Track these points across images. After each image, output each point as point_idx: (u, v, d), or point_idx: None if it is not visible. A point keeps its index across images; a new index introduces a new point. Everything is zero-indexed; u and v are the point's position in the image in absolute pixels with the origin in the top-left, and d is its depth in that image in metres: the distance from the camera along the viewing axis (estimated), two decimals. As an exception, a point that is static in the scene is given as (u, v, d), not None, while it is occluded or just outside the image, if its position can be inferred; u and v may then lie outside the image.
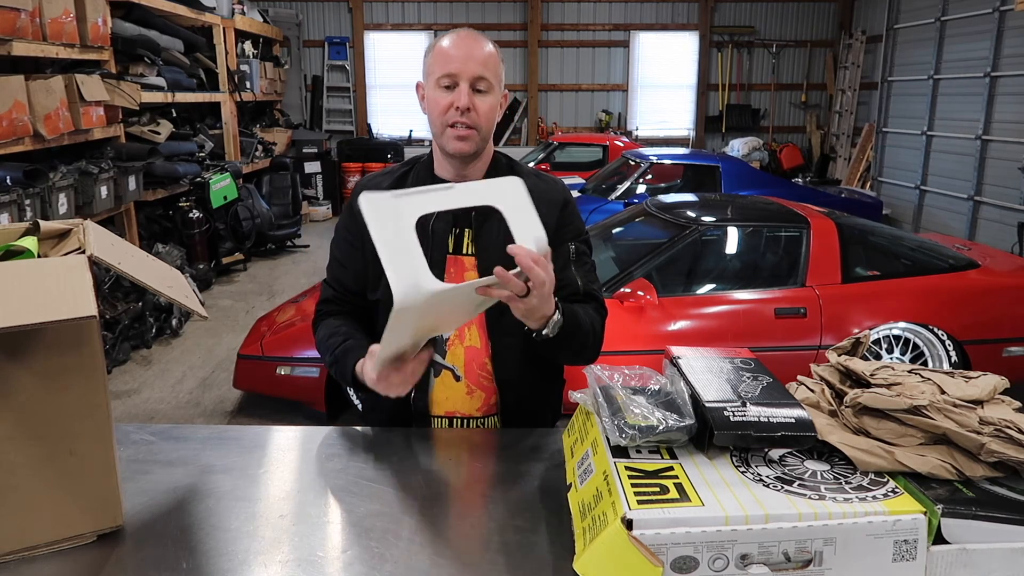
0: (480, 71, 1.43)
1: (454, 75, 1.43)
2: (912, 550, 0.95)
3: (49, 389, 1.03)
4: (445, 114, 1.44)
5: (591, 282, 1.58)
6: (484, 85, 1.44)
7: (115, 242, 1.17)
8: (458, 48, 1.44)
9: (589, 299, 1.54)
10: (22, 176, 4.29)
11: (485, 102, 1.45)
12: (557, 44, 11.43)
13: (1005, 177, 7.19)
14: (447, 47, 1.45)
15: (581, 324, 1.44)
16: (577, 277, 1.54)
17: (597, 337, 1.53)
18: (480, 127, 1.45)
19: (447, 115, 1.44)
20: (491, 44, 1.48)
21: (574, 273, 1.54)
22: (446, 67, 1.43)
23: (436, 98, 1.45)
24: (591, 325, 1.48)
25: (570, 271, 1.53)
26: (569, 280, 1.52)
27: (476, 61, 1.43)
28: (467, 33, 1.48)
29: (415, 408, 1.57)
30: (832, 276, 3.77)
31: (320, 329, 1.59)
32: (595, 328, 1.51)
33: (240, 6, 8.61)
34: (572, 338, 1.40)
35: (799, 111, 11.78)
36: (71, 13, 4.79)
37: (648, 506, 0.94)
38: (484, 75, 1.44)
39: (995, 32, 7.33)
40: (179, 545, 1.09)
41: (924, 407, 1.05)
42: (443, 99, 1.44)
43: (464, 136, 1.45)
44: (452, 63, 1.43)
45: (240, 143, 8.34)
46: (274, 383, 3.81)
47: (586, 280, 1.56)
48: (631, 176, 6.90)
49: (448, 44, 1.46)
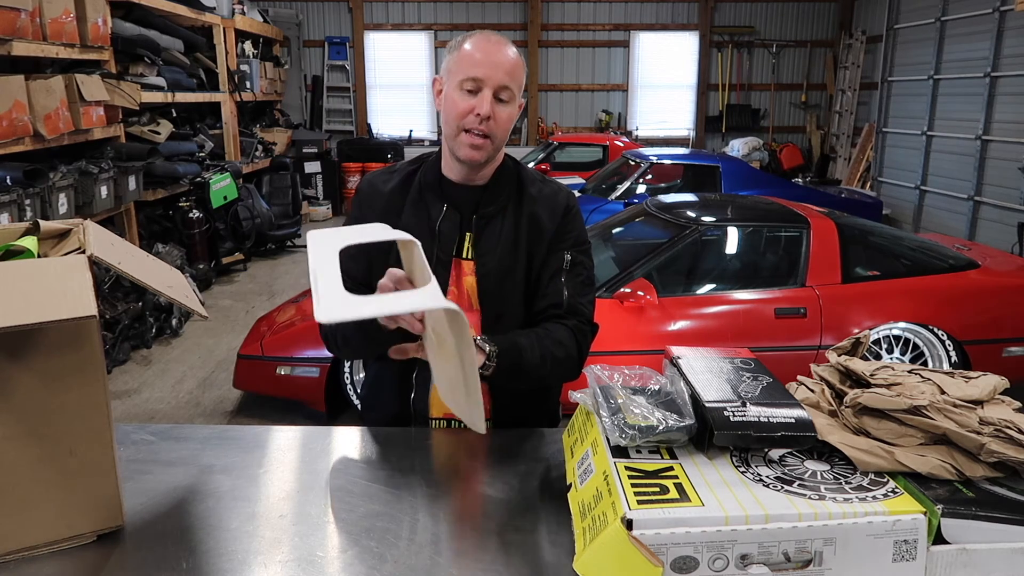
0: (506, 80, 1.42)
1: (479, 80, 1.41)
2: (912, 550, 0.95)
3: (49, 389, 1.03)
4: (463, 118, 1.43)
5: (580, 295, 1.53)
6: (507, 95, 1.44)
7: (115, 242, 1.17)
8: (486, 53, 1.42)
9: (571, 315, 1.51)
10: (22, 176, 4.29)
11: (505, 111, 1.44)
12: (557, 44, 11.43)
13: (1005, 177, 7.19)
14: (473, 50, 1.43)
15: (524, 360, 1.39)
16: (564, 289, 1.51)
17: (560, 363, 1.46)
18: (496, 136, 1.45)
19: (465, 120, 1.43)
20: (515, 49, 1.47)
21: (562, 284, 1.51)
22: (472, 71, 1.41)
23: (456, 100, 1.44)
24: (541, 358, 1.42)
25: (559, 281, 1.51)
26: (554, 291, 1.50)
27: (503, 70, 1.42)
28: (496, 38, 1.46)
29: (414, 409, 1.57)
30: (832, 276, 3.77)
31: None
32: (552, 355, 1.44)
33: (240, 6, 8.61)
34: (518, 374, 1.39)
35: (799, 111, 11.78)
36: (71, 13, 4.79)
37: (648, 506, 0.94)
38: (509, 85, 1.43)
39: (995, 32, 7.33)
40: (179, 545, 1.09)
41: (924, 407, 1.05)
42: (463, 102, 1.43)
43: (478, 145, 1.44)
44: (478, 68, 1.41)
45: (240, 143, 8.34)
46: (274, 383, 3.81)
47: (574, 293, 1.52)
48: (631, 176, 6.90)
49: (476, 47, 1.43)
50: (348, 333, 1.49)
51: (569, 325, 1.49)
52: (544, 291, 1.52)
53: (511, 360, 1.37)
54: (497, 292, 1.50)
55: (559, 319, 1.50)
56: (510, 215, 1.53)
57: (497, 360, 1.35)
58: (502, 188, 1.54)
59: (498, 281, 1.50)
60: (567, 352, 1.47)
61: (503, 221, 1.53)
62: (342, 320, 1.01)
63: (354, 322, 1.43)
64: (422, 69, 11.46)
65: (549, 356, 1.43)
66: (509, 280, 1.51)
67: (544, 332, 1.46)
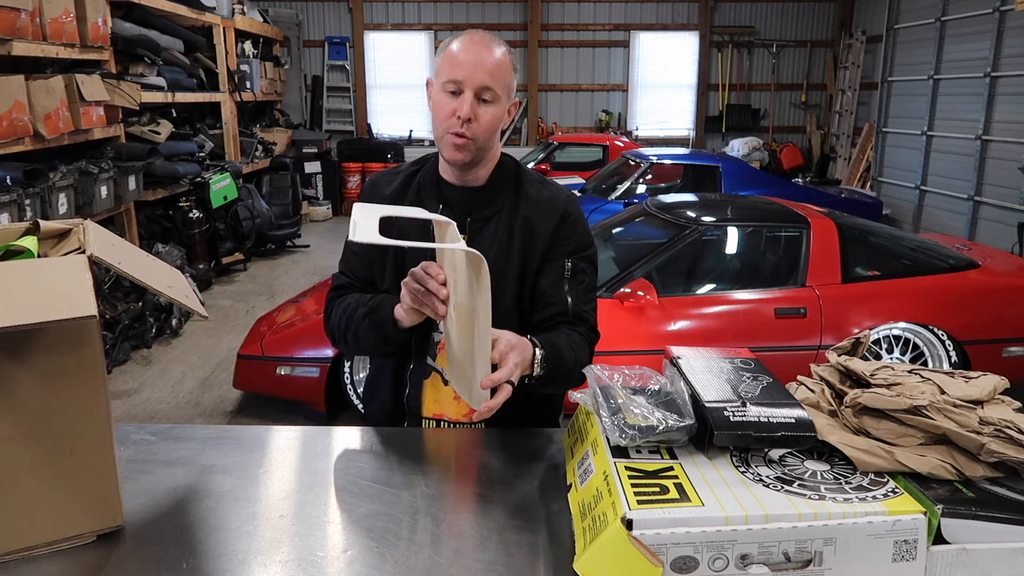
0: (486, 81, 1.41)
1: (460, 82, 1.41)
2: (912, 550, 0.95)
3: (49, 389, 1.03)
4: (447, 120, 1.43)
5: (584, 303, 1.52)
6: (489, 95, 1.42)
7: (115, 242, 1.17)
8: (467, 54, 1.41)
9: (578, 322, 1.50)
10: (22, 176, 4.29)
11: (488, 112, 1.43)
12: (557, 44, 11.43)
13: (1005, 177, 7.19)
14: (457, 51, 1.43)
15: (564, 360, 1.39)
16: (568, 297, 1.49)
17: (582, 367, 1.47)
18: (478, 137, 1.43)
19: (448, 122, 1.43)
20: (503, 49, 1.45)
21: (566, 292, 1.50)
22: (453, 72, 1.41)
23: (441, 102, 1.44)
24: (574, 359, 1.42)
25: (562, 290, 1.50)
26: (559, 299, 1.49)
27: (484, 70, 1.41)
28: (480, 38, 1.44)
29: (408, 405, 1.57)
30: (832, 276, 3.77)
31: (337, 308, 1.57)
32: (580, 360, 1.44)
33: (240, 6, 8.61)
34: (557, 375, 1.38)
35: (799, 111, 11.78)
36: (71, 13, 4.79)
37: (648, 506, 0.94)
38: (490, 85, 1.41)
39: (995, 32, 7.33)
40: (179, 545, 1.09)
41: (924, 407, 1.05)
42: (447, 104, 1.43)
43: (460, 145, 1.43)
44: (459, 69, 1.41)
45: (240, 143, 8.33)
46: (274, 383, 3.81)
47: (578, 300, 1.50)
48: (631, 176, 6.90)
49: (459, 48, 1.43)
50: (361, 331, 1.49)
51: (580, 332, 1.49)
52: (548, 300, 1.50)
53: (554, 363, 1.36)
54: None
55: (570, 326, 1.49)
56: (505, 218, 1.52)
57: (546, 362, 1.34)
58: (499, 190, 1.54)
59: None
60: (583, 359, 1.47)
61: (498, 224, 1.52)
62: (370, 243, 1.13)
63: (367, 319, 1.46)
64: (422, 69, 11.46)
65: (579, 360, 1.43)
66: (501, 283, 1.50)
67: (569, 336, 1.45)
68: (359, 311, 1.49)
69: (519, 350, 1.27)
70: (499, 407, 1.23)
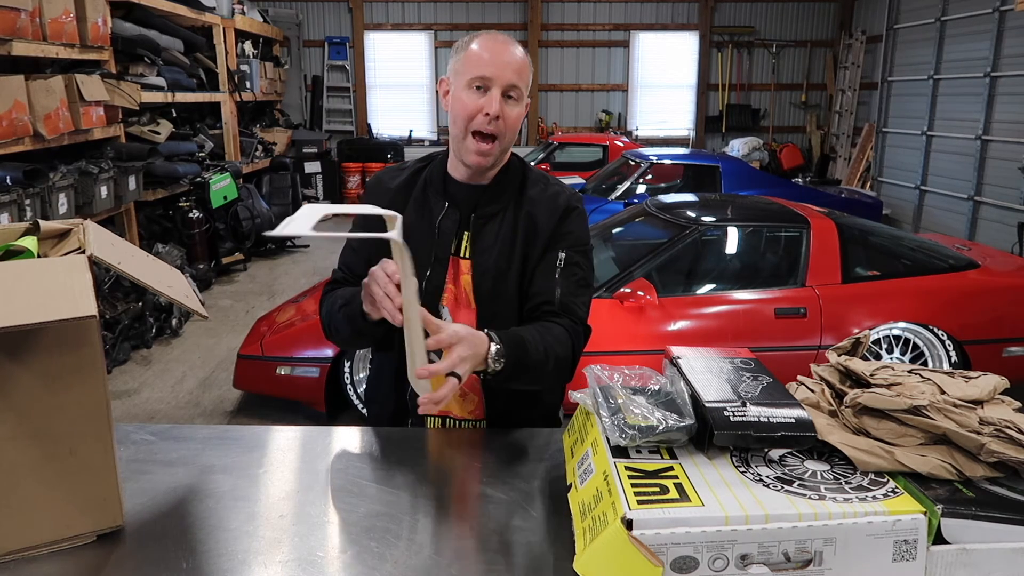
0: (513, 79, 1.42)
1: (488, 79, 1.41)
2: (912, 550, 0.94)
3: (49, 389, 1.03)
4: (472, 118, 1.43)
5: (574, 296, 1.50)
6: (516, 93, 1.44)
7: (115, 242, 1.17)
8: (493, 52, 1.42)
9: (564, 313, 1.48)
10: (22, 176, 4.29)
11: (514, 111, 1.44)
12: (557, 44, 11.43)
13: (1005, 177, 7.19)
14: (481, 49, 1.43)
15: (529, 354, 1.35)
16: (557, 287, 1.49)
17: (560, 361, 1.42)
18: (504, 136, 1.45)
19: (474, 120, 1.43)
20: (522, 49, 1.48)
21: (556, 282, 1.49)
22: (481, 70, 1.41)
23: (464, 99, 1.43)
24: (545, 353, 1.38)
25: (552, 280, 1.49)
26: (547, 288, 1.49)
27: (511, 68, 1.42)
28: (502, 38, 1.46)
29: (411, 403, 1.57)
30: (832, 276, 3.77)
31: (326, 301, 1.57)
32: (554, 354, 1.40)
33: (240, 6, 8.61)
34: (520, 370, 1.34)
35: (799, 111, 11.78)
36: (71, 13, 4.79)
37: (648, 506, 0.94)
38: (517, 84, 1.43)
39: (995, 32, 7.33)
40: (179, 545, 1.09)
41: (924, 407, 1.05)
42: (472, 102, 1.43)
43: (485, 152, 1.44)
44: (487, 67, 1.41)
45: (240, 143, 8.34)
46: (274, 383, 3.81)
47: (568, 292, 1.49)
48: (631, 176, 6.90)
49: (483, 47, 1.44)
50: (338, 321, 1.51)
51: (563, 323, 1.46)
52: (537, 288, 1.50)
53: (516, 357, 1.33)
54: (492, 292, 1.50)
55: (553, 316, 1.47)
56: (509, 215, 1.53)
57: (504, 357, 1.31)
58: (504, 188, 1.54)
59: (493, 281, 1.50)
60: (565, 351, 1.44)
61: (502, 221, 1.52)
62: (282, 235, 1.10)
63: (342, 310, 1.48)
64: (422, 69, 11.46)
65: (552, 353, 1.40)
66: (504, 280, 1.50)
67: (543, 328, 1.43)
68: (337, 302, 1.51)
69: (468, 343, 1.24)
70: (444, 401, 1.20)
